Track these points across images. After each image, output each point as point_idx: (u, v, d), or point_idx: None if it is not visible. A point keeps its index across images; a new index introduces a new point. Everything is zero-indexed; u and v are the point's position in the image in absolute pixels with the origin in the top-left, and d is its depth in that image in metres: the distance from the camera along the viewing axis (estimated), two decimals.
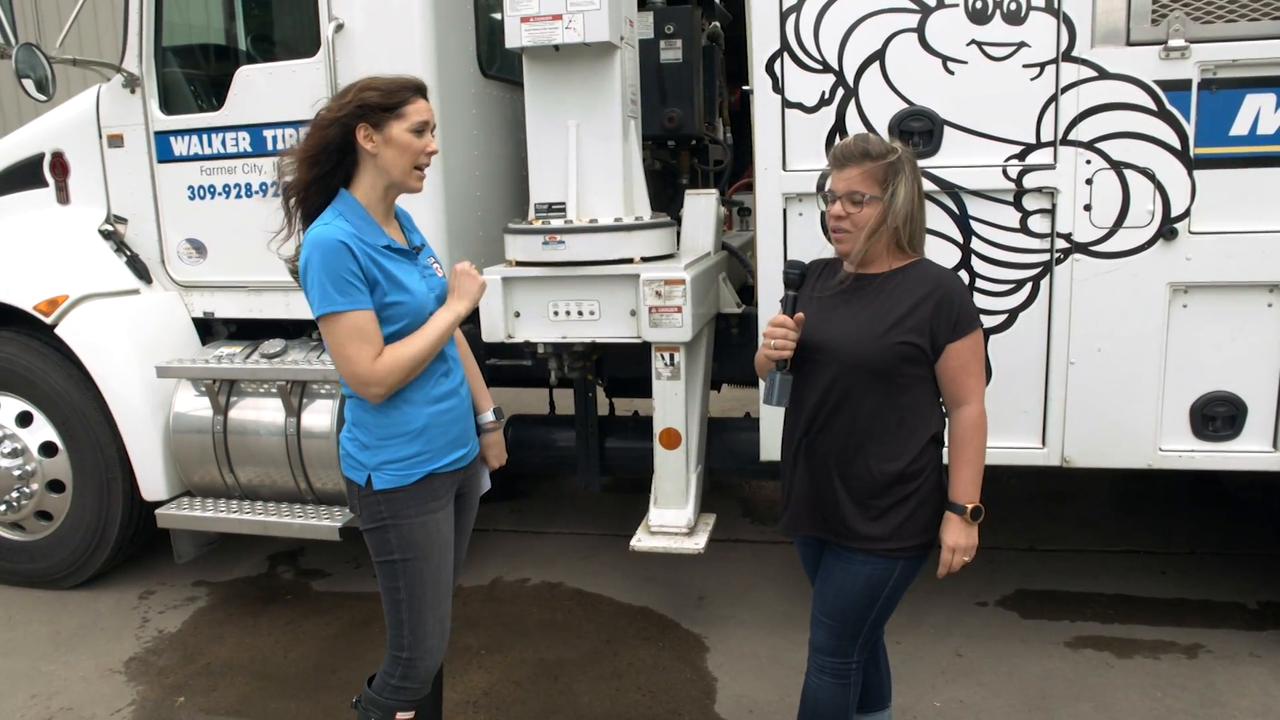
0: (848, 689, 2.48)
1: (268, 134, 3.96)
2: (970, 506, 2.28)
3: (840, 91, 3.17)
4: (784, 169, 3.28)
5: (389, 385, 2.25)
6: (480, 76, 4.17)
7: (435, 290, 2.39)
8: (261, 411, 3.99)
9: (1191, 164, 2.98)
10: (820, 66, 3.17)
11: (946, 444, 2.33)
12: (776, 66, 3.20)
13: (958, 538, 2.29)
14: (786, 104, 3.22)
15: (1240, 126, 2.97)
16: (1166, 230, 3.02)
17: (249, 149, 4.00)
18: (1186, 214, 3.01)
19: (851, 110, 3.17)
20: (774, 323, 2.32)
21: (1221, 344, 3.10)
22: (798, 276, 2.39)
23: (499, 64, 4.35)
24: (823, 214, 3.22)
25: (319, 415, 3.89)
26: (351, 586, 4.32)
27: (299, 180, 2.27)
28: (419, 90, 2.30)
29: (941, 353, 2.28)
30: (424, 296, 2.32)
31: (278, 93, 3.90)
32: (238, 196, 4.06)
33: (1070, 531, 4.56)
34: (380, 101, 2.22)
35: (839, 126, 3.19)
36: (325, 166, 2.25)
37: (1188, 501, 4.92)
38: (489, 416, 2.66)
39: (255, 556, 4.69)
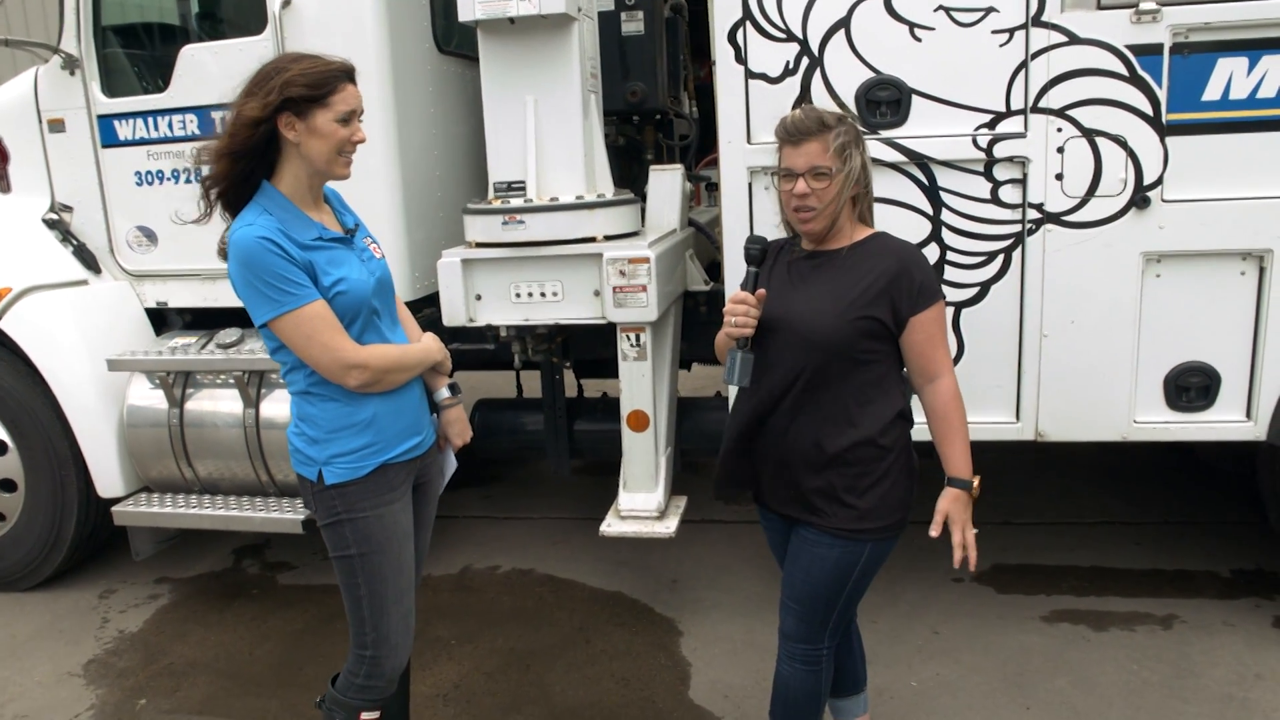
0: (819, 675, 2.42)
1: (216, 115, 3.80)
2: (976, 479, 2.22)
3: (805, 61, 3.08)
4: (748, 142, 3.18)
5: (375, 369, 2.18)
6: (436, 53, 4.04)
7: (376, 274, 2.28)
8: (219, 403, 3.88)
9: (1164, 130, 2.92)
10: (784, 35, 3.07)
11: (928, 421, 2.26)
12: (739, 36, 3.10)
13: (960, 513, 2.22)
14: (750, 75, 3.13)
15: (1212, 91, 2.90)
16: (1139, 199, 2.96)
17: (197, 131, 3.85)
18: (1159, 182, 2.95)
19: (817, 80, 3.08)
20: (735, 300, 2.24)
21: (1195, 314, 3.05)
22: (759, 252, 2.30)
23: (456, 40, 4.22)
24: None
25: (278, 405, 3.77)
26: (319, 579, 4.23)
27: (219, 173, 2.14)
28: (348, 75, 2.17)
29: (905, 326, 2.21)
30: (364, 283, 2.22)
31: (225, 72, 3.70)
32: (188, 181, 3.91)
33: (1045, 504, 4.54)
34: (306, 94, 2.09)
35: (804, 97, 3.10)
36: (248, 163, 2.13)
37: (1162, 471, 4.91)
38: (444, 393, 2.52)
39: (220, 550, 4.59)
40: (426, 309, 3.83)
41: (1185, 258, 3.01)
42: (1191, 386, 3.09)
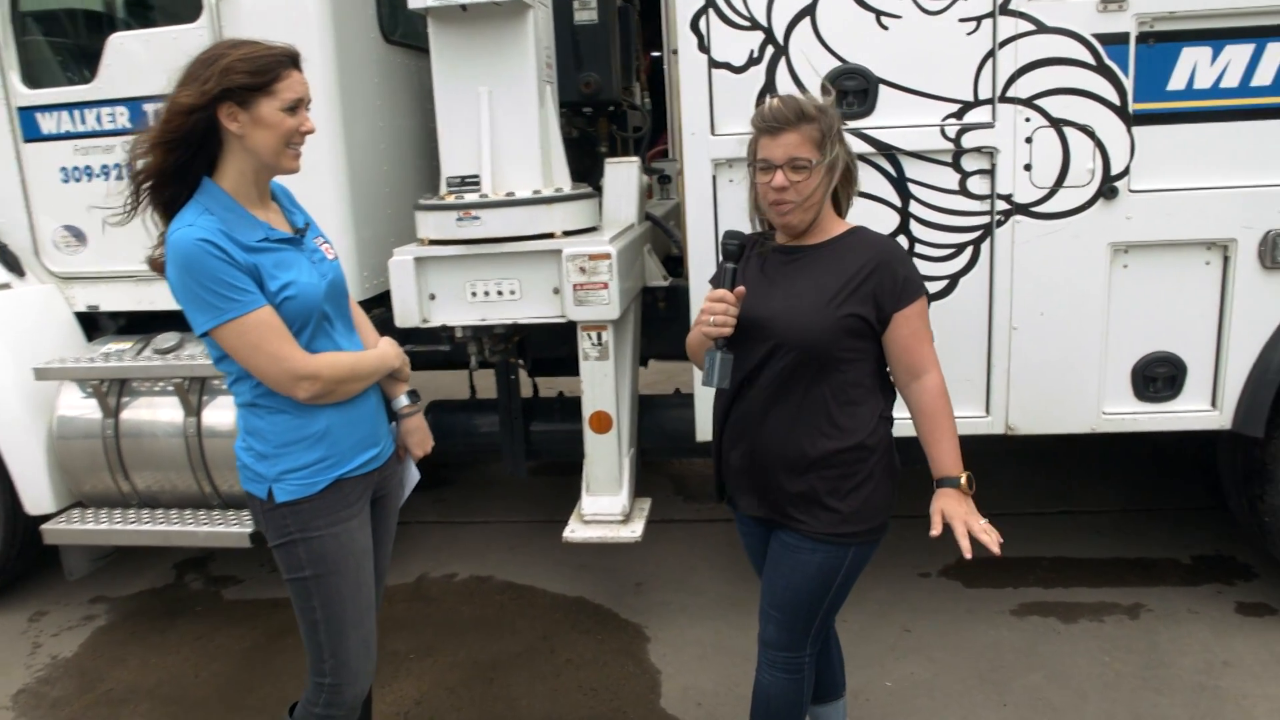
0: (801, 683, 2.34)
1: (149, 108, 3.58)
2: (965, 476, 2.14)
3: (770, 50, 2.99)
4: (712, 133, 3.09)
5: (328, 380, 2.04)
6: (383, 43, 3.87)
7: (328, 276, 2.13)
8: (157, 411, 3.68)
9: (1130, 120, 2.90)
10: (748, 23, 2.98)
11: (914, 420, 2.18)
12: (702, 24, 3.01)
13: (957, 507, 2.12)
14: (713, 64, 3.03)
15: (1177, 81, 2.89)
16: (1107, 189, 2.93)
17: (128, 125, 3.64)
18: (1126, 172, 2.93)
19: (782, 69, 3.00)
20: (712, 298, 2.14)
21: (1161, 304, 3.04)
22: (737, 248, 2.21)
23: (401, 29, 4.05)
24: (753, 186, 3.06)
25: (221, 412, 3.59)
26: (267, 592, 4.05)
27: (153, 167, 1.97)
28: (292, 61, 2.01)
29: (889, 323, 2.14)
30: (315, 287, 2.07)
31: (157, 63, 3.52)
32: (119, 178, 3.69)
33: (1005, 496, 4.53)
34: (248, 82, 1.93)
35: (769, 87, 3.01)
36: (185, 154, 1.95)
37: (1117, 459, 4.95)
38: (404, 401, 2.39)
39: (160, 566, 4.37)
40: (376, 309, 3.67)
41: (1152, 248, 2.99)
42: (1159, 377, 3.09)
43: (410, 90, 4.07)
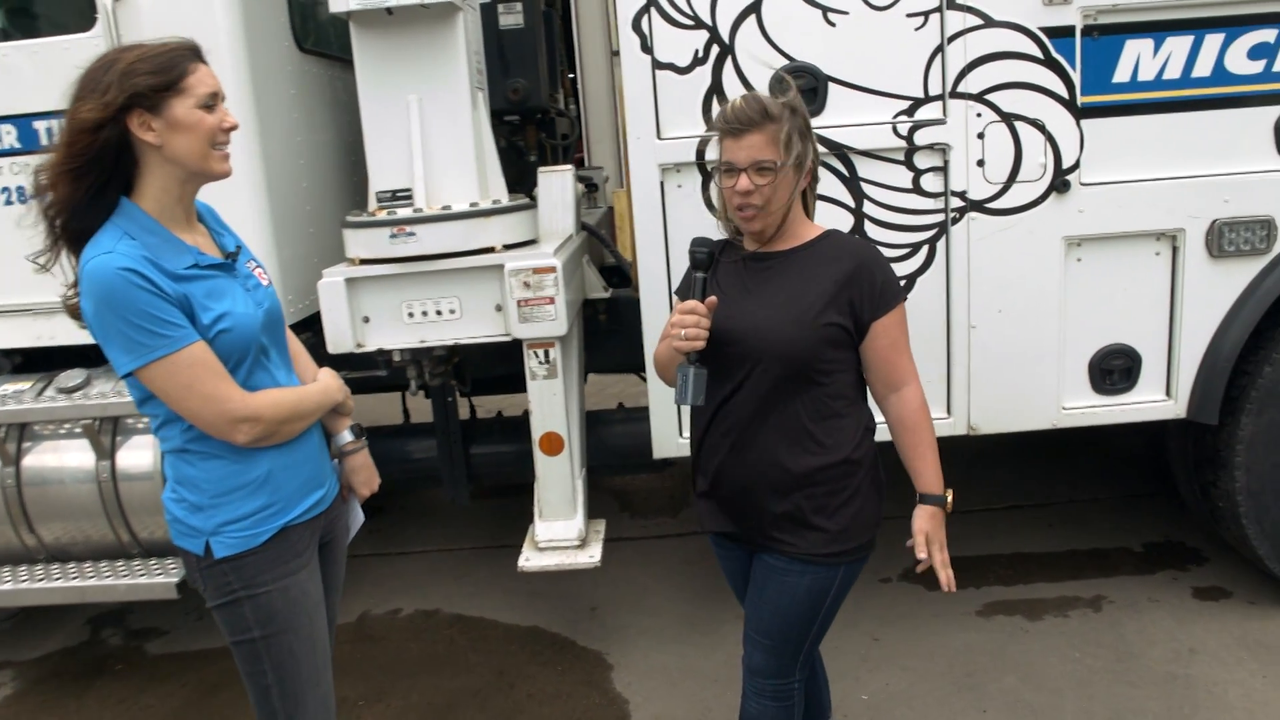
0: (791, 710, 2.23)
1: (39, 125, 3.29)
2: (948, 495, 2.06)
3: (715, 49, 2.88)
4: (658, 137, 2.97)
5: (269, 421, 1.84)
6: (297, 52, 3.63)
7: (264, 304, 1.93)
8: (64, 456, 3.36)
9: (1079, 113, 2.88)
10: (692, 22, 2.87)
11: (893, 434, 2.10)
12: (644, 24, 2.88)
13: (937, 531, 2.07)
14: (657, 65, 2.91)
15: (1122, 73, 2.89)
16: (1059, 183, 2.91)
17: (17, 144, 3.32)
18: (1077, 165, 2.91)
19: (729, 69, 2.89)
20: (682, 309, 2.00)
21: (1115, 296, 3.03)
22: (706, 256, 2.07)
23: (315, 37, 3.82)
24: (710, 190, 2.96)
25: (138, 453, 3.30)
26: (196, 644, 3.75)
27: (63, 199, 1.74)
28: (195, 54, 1.81)
29: (867, 332, 2.04)
30: (251, 317, 1.87)
31: (47, 76, 3.24)
32: (8, 203, 3.38)
33: (954, 493, 4.51)
34: (154, 83, 1.72)
35: (716, 87, 2.91)
36: (98, 178, 1.73)
37: (1061, 448, 4.99)
38: (348, 437, 2.19)
39: (72, 623, 4.03)
40: (303, 334, 3.44)
41: (1104, 241, 2.99)
42: (1115, 369, 3.08)
43: (326, 102, 3.84)
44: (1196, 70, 2.88)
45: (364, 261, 3.07)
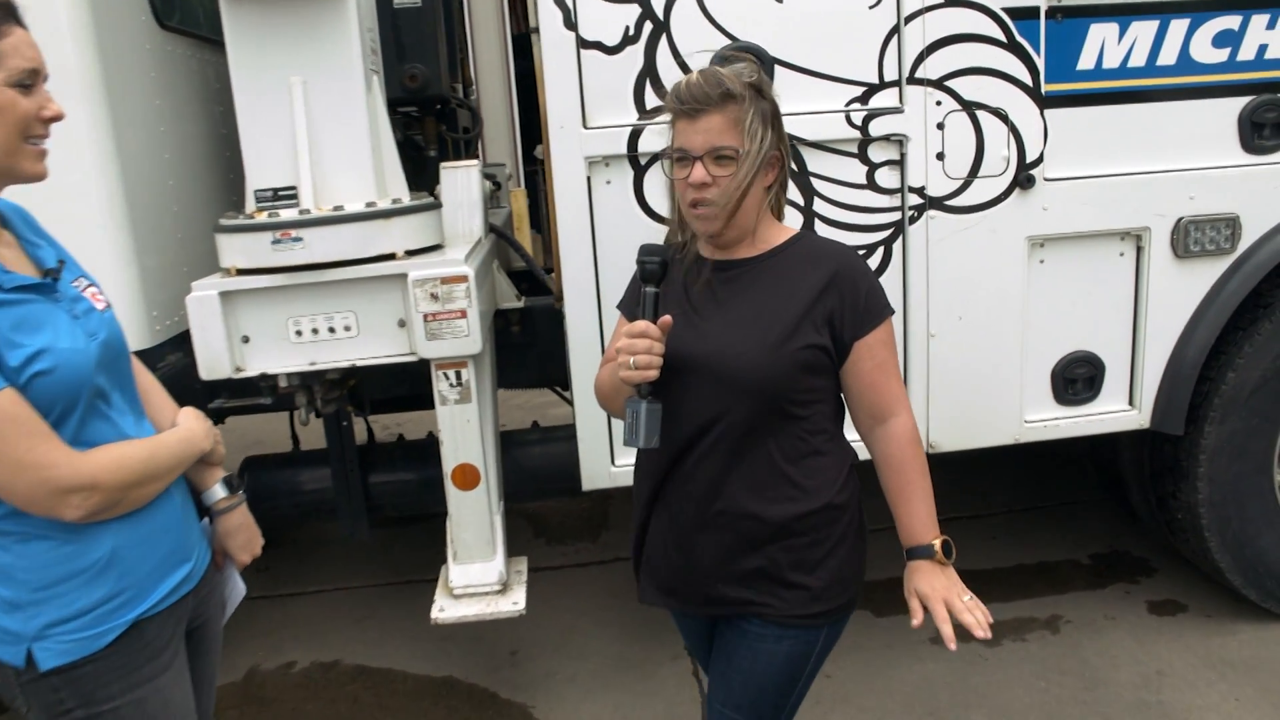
0: None
1: None
2: (940, 542, 1.76)
3: (648, 26, 2.54)
4: (584, 126, 2.60)
5: (110, 488, 1.42)
6: (157, 29, 3.12)
7: (98, 335, 1.49)
8: None
9: (1043, 102, 2.65)
10: None
11: (880, 473, 1.81)
12: None
13: (935, 582, 1.75)
14: (582, 43, 2.54)
15: (1086, 60, 2.67)
16: (1023, 178, 2.68)
17: None
18: (1041, 159, 2.68)
19: (663, 49, 2.55)
20: (631, 332, 1.64)
21: (1078, 300, 2.83)
22: (659, 267, 1.71)
23: (180, 15, 3.32)
24: (645, 187, 2.62)
25: None
26: None
27: None
28: (8, 12, 1.37)
29: (849, 353, 1.73)
30: (81, 353, 1.43)
31: None
32: None
33: (886, 508, 4.30)
34: None
35: (649, 70, 2.56)
36: None
37: (995, 453, 4.83)
38: (219, 493, 1.75)
39: None
40: (171, 355, 2.96)
41: (1068, 240, 2.77)
42: (1078, 378, 2.87)
43: (195, 86, 3.34)
44: (1162, 58, 2.69)
45: (242, 272, 2.61)
